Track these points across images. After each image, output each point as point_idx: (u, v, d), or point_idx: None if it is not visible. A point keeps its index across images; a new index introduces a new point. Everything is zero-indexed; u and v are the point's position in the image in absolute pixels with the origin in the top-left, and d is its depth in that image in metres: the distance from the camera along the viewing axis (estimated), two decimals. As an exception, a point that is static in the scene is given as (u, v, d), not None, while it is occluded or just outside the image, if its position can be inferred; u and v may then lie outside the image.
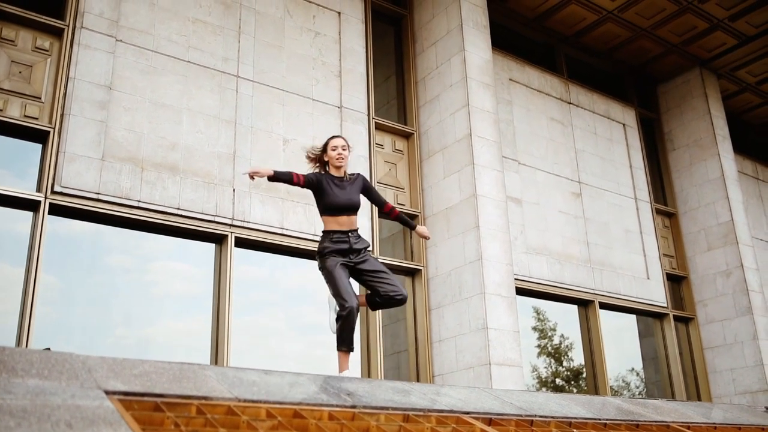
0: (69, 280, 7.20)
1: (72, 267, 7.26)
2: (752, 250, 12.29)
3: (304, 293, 8.72)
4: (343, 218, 5.33)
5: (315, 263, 8.62)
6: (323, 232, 5.39)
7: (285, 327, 8.52)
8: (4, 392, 2.46)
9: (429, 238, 6.32)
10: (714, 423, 5.47)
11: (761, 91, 14.07)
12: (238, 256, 7.93)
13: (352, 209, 5.36)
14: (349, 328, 5.15)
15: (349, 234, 5.31)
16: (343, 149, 5.41)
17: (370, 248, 5.76)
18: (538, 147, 11.19)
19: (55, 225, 6.99)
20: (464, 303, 8.66)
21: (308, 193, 8.38)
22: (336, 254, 5.26)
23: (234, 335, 7.54)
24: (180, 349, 7.70)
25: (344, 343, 5.21)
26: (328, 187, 5.33)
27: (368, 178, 5.66)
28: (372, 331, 8.63)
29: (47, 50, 7.37)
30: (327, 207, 5.34)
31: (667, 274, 12.25)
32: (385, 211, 5.74)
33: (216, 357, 7.44)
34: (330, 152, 5.42)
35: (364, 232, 8.82)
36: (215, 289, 7.73)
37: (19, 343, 6.37)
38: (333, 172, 5.43)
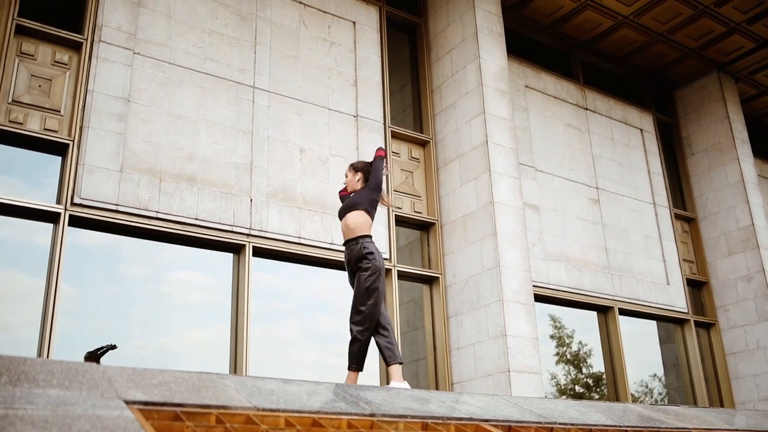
0: (89, 290, 7.26)
1: (91, 278, 7.32)
2: (774, 255, 12.16)
3: (322, 302, 8.73)
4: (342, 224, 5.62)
5: (333, 272, 8.64)
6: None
7: (302, 336, 8.53)
8: (26, 402, 2.48)
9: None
10: (737, 429, 5.41)
11: (780, 94, 13.96)
12: (255, 266, 7.96)
13: (346, 210, 5.60)
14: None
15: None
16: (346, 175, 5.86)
17: (367, 257, 5.44)
18: (555, 153, 11.16)
19: (74, 236, 7.05)
20: (482, 310, 8.63)
21: (324, 202, 8.43)
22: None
23: (252, 344, 7.57)
24: (198, 358, 7.73)
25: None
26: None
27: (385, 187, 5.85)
28: (390, 340, 8.60)
29: (66, 64, 7.46)
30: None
31: (687, 279, 12.14)
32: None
33: (235, 366, 7.46)
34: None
35: (380, 240, 8.83)
36: (233, 299, 7.76)
37: (40, 353, 6.43)
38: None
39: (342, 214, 5.61)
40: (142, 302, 7.54)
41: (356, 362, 5.31)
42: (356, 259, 5.39)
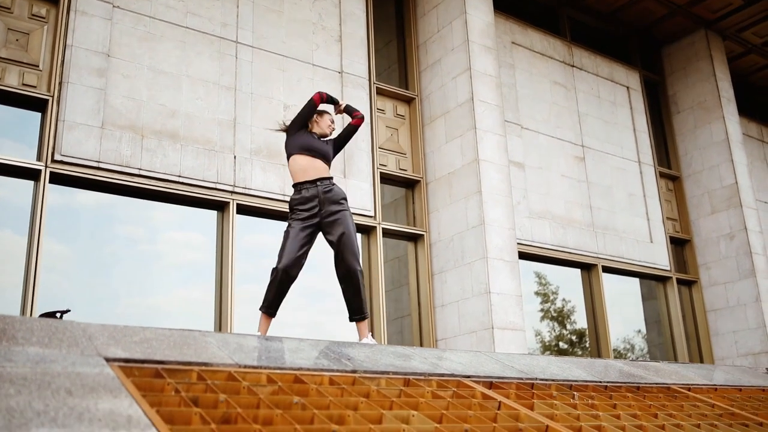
0: (71, 248, 7.22)
1: (74, 235, 7.27)
2: (756, 213, 12.25)
3: (307, 260, 8.71)
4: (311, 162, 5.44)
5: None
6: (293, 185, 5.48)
7: (288, 294, 8.53)
8: (5, 360, 2.47)
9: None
10: (715, 384, 5.50)
11: (767, 52, 13.91)
12: (240, 223, 7.93)
13: (320, 156, 5.46)
14: (271, 290, 5.40)
15: (318, 183, 5.38)
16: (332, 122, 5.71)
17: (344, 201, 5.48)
18: (541, 111, 11.11)
19: (56, 194, 6.98)
20: (467, 268, 8.67)
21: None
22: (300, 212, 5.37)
23: (237, 303, 7.58)
24: (183, 317, 7.74)
25: (262, 304, 5.41)
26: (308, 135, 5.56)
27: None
28: (375, 297, 8.65)
29: (44, 17, 7.30)
30: (301, 146, 5.45)
31: (670, 237, 12.24)
32: (353, 123, 5.76)
33: (220, 325, 7.48)
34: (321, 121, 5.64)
35: (365, 197, 8.80)
36: (218, 257, 7.75)
37: (23, 312, 6.41)
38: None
39: (314, 154, 5.42)
40: (125, 260, 7.51)
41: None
42: (338, 200, 5.36)
